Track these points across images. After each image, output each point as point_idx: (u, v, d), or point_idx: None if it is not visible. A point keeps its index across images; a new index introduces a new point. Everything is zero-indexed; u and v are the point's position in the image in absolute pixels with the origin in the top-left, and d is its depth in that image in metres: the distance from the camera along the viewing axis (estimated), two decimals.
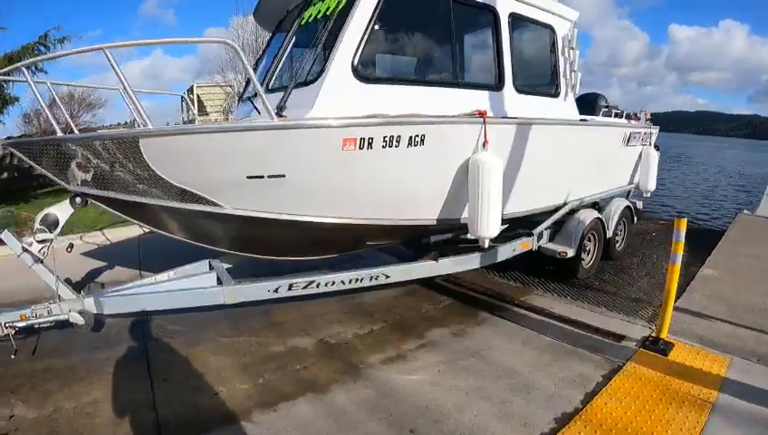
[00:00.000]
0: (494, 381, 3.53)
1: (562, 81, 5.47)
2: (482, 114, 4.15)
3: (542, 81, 5.52)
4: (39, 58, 6.07)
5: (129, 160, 3.30)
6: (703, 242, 6.77)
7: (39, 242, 3.59)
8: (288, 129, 3.38)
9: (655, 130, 7.75)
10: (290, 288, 4.13)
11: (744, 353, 3.85)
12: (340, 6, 3.89)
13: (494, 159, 4.11)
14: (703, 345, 3.99)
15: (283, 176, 3.52)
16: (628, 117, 7.43)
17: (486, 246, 4.47)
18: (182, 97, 6.73)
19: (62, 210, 3.67)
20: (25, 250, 3.57)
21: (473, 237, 4.44)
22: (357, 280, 4.37)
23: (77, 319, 3.65)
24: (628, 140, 6.88)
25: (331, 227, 3.97)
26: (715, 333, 4.21)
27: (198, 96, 19.06)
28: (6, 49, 9.59)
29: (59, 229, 3.67)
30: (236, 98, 6.78)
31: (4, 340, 3.58)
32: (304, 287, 4.18)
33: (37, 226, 3.60)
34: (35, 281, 3.70)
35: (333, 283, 4.27)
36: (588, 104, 6.74)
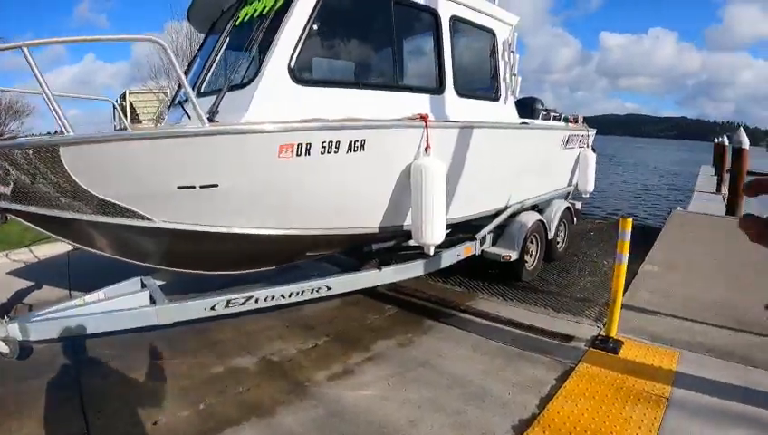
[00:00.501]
0: (447, 392, 3.42)
1: (503, 84, 5.48)
2: (423, 118, 4.05)
3: (482, 84, 5.52)
4: None
5: (50, 171, 2.98)
6: (640, 239, 6.95)
7: None
8: (220, 134, 3.17)
9: (592, 133, 7.94)
10: (227, 305, 3.88)
11: (693, 347, 3.92)
12: (278, 6, 3.71)
13: (436, 163, 4.02)
14: (652, 341, 4.05)
15: (216, 186, 3.30)
16: (566, 120, 7.58)
17: (431, 253, 4.37)
18: (113, 103, 6.28)
19: None
20: None
21: (416, 244, 4.34)
22: (298, 293, 4.16)
23: (0, 347, 3.31)
24: (567, 143, 7.00)
25: (269, 239, 3.77)
26: (662, 329, 4.27)
27: (131, 103, 18.33)
28: None
29: None
30: (169, 104, 6.45)
31: None
32: (242, 303, 3.94)
33: None
34: None
35: (273, 297, 4.05)
36: (526, 108, 6.83)
